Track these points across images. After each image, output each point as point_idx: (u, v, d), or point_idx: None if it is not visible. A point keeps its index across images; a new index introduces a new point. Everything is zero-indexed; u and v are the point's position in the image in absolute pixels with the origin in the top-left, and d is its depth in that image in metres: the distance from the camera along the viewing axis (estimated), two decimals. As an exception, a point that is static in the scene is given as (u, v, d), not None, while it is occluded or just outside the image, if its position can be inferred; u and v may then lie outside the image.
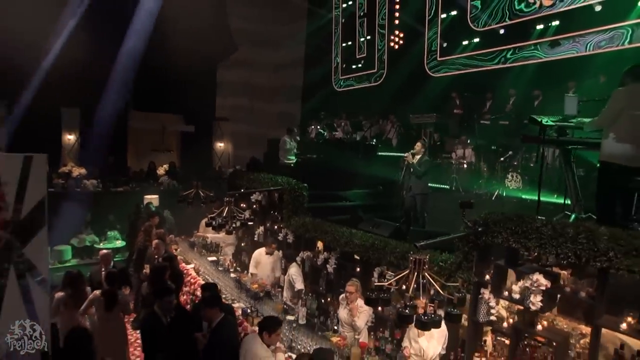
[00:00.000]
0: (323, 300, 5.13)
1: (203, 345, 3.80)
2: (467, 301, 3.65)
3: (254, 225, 6.75)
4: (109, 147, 11.36)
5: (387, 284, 3.03)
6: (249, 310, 4.81)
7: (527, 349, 3.36)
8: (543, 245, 3.12)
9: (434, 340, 3.55)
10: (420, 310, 2.80)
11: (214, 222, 5.94)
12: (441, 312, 2.79)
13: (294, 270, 5.48)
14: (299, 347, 4.08)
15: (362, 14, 11.01)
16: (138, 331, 5.63)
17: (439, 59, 9.22)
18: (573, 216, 3.89)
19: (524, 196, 6.01)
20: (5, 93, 10.33)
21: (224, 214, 6.10)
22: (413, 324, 2.82)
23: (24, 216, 3.51)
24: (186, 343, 3.83)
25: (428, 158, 5.93)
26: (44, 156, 3.63)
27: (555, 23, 7.19)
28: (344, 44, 11.87)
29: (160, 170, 12.00)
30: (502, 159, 6.55)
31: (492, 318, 3.45)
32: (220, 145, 14.58)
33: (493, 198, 6.47)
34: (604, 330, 2.88)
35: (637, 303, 2.79)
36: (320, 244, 5.66)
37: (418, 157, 5.71)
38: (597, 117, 3.50)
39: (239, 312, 4.75)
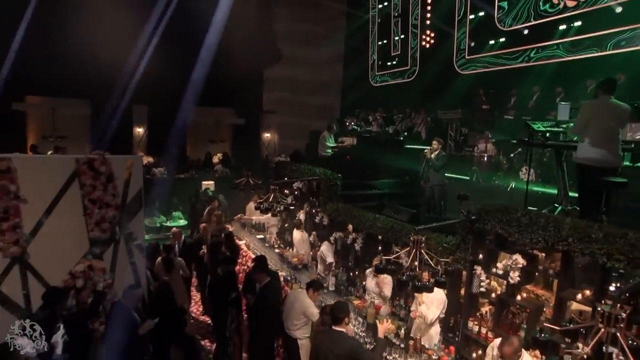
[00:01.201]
0: (351, 274, 6.17)
1: (254, 301, 4.99)
2: (464, 276, 4.54)
3: (295, 209, 7.91)
4: (172, 138, 13.01)
5: (393, 257, 4.01)
6: (289, 278, 5.97)
7: (509, 315, 4.19)
8: (521, 231, 3.88)
9: (433, 307, 4.36)
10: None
11: (261, 206, 7.15)
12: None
13: (325, 247, 6.51)
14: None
15: (396, 14, 11.65)
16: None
17: (467, 57, 9.74)
18: (559, 208, 4.59)
19: (535, 188, 6.59)
20: (90, 94, 12.25)
21: (270, 199, 7.30)
22: (415, 292, 3.74)
23: (129, 201, 4.87)
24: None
25: (445, 154, 6.69)
26: (140, 157, 4.97)
27: (578, 24, 7.51)
28: (379, 43, 12.58)
29: (215, 159, 13.53)
30: (511, 155, 7.12)
31: (482, 290, 4.29)
32: (267, 135, 15.91)
33: (508, 189, 7.10)
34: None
35: (591, 280, 3.54)
36: (350, 226, 6.67)
37: (436, 152, 6.49)
38: (572, 125, 4.18)
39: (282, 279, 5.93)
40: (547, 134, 4.54)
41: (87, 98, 12.91)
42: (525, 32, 8.63)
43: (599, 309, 2.37)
